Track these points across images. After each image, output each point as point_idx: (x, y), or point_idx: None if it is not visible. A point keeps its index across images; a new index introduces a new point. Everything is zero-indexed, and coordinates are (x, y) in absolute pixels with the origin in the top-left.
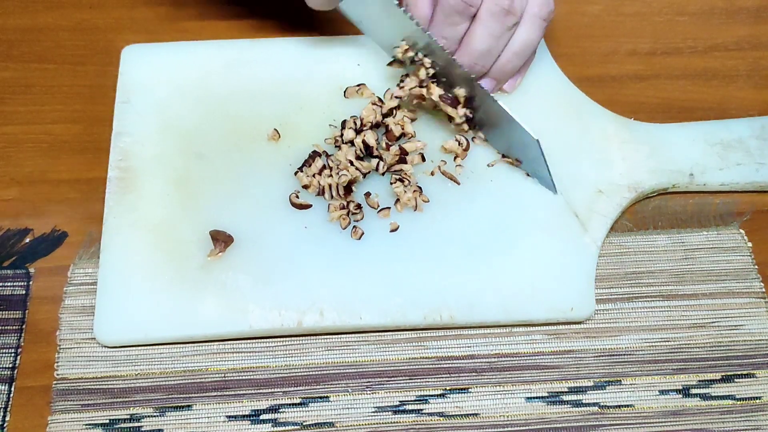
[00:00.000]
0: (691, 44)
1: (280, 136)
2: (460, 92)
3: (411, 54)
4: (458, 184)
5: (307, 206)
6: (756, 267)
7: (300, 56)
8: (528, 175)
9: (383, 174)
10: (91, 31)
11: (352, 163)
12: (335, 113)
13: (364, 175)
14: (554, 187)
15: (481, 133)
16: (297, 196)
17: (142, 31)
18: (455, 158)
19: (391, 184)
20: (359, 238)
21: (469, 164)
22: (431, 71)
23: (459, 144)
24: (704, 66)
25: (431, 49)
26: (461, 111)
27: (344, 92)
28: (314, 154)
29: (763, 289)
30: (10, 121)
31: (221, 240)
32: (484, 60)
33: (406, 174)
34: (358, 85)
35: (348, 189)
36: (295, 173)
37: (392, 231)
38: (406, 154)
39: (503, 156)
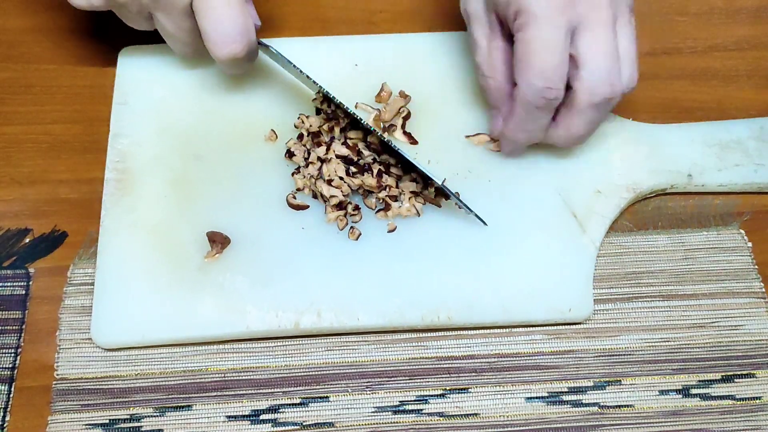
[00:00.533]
0: (691, 44)
1: (277, 137)
2: (373, 140)
3: (324, 106)
4: (439, 207)
5: (305, 207)
6: (756, 267)
7: (297, 57)
8: (459, 207)
9: (376, 213)
10: (90, 31)
11: (342, 179)
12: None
13: (355, 191)
14: (482, 221)
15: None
16: (294, 197)
17: (142, 31)
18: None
19: (377, 212)
20: (357, 239)
21: (467, 165)
22: (343, 122)
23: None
24: (704, 66)
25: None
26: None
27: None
28: (308, 162)
29: (763, 289)
30: (10, 121)
31: (218, 241)
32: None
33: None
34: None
35: (340, 204)
36: (292, 174)
37: (390, 231)
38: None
39: (435, 192)
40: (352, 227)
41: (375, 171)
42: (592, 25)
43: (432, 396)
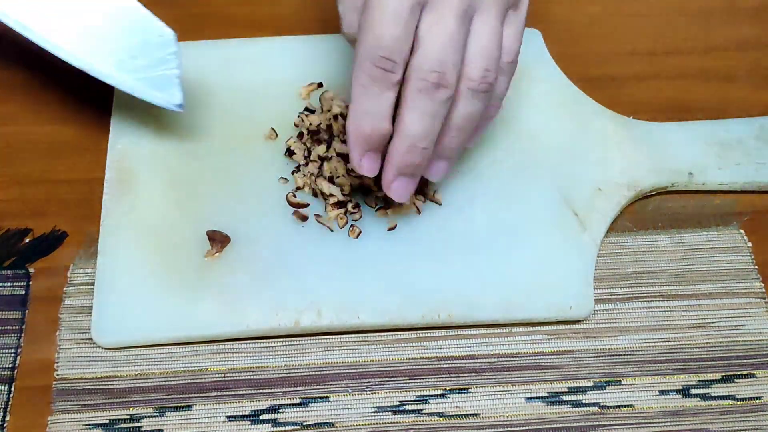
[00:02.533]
0: (691, 44)
1: (277, 135)
2: None
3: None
4: (439, 204)
5: (305, 205)
6: (756, 267)
7: (297, 55)
8: None
9: (376, 211)
10: None
11: (344, 176)
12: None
13: (355, 189)
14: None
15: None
16: (294, 195)
17: None
18: None
19: (377, 210)
20: (357, 237)
21: (469, 163)
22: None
23: None
24: (704, 66)
25: None
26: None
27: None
28: (307, 160)
29: (763, 289)
30: (10, 122)
31: (218, 240)
32: (423, 143)
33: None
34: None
35: (340, 202)
36: (293, 172)
37: (390, 230)
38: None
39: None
40: (352, 225)
41: None
42: (438, 7)
43: (432, 396)
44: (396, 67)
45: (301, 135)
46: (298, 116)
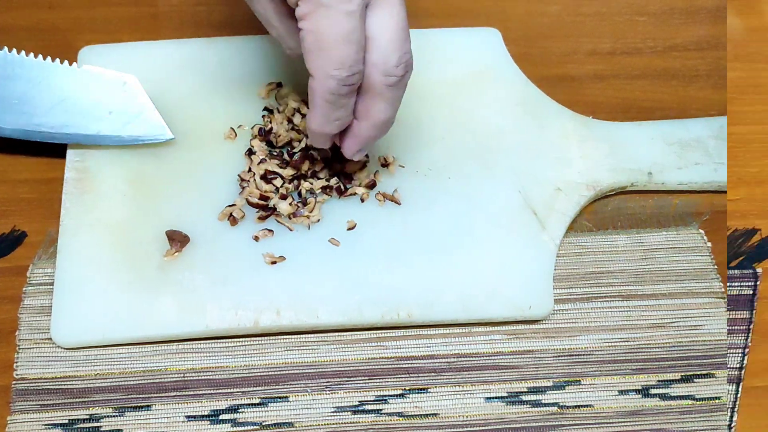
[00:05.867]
0: (651, 44)
1: (236, 135)
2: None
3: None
4: (399, 204)
5: (265, 206)
6: (715, 267)
7: (259, 55)
8: None
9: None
10: (50, 31)
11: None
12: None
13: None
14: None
15: None
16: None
17: (102, 31)
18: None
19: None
20: (310, 228)
21: (429, 163)
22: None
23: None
24: (664, 66)
25: None
26: None
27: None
28: (249, 151)
29: (723, 289)
30: None
31: (177, 240)
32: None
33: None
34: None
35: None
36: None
37: (349, 229)
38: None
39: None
40: (304, 214)
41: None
42: (386, 2)
43: (391, 396)
44: (358, 78)
45: (261, 131)
46: (262, 117)
